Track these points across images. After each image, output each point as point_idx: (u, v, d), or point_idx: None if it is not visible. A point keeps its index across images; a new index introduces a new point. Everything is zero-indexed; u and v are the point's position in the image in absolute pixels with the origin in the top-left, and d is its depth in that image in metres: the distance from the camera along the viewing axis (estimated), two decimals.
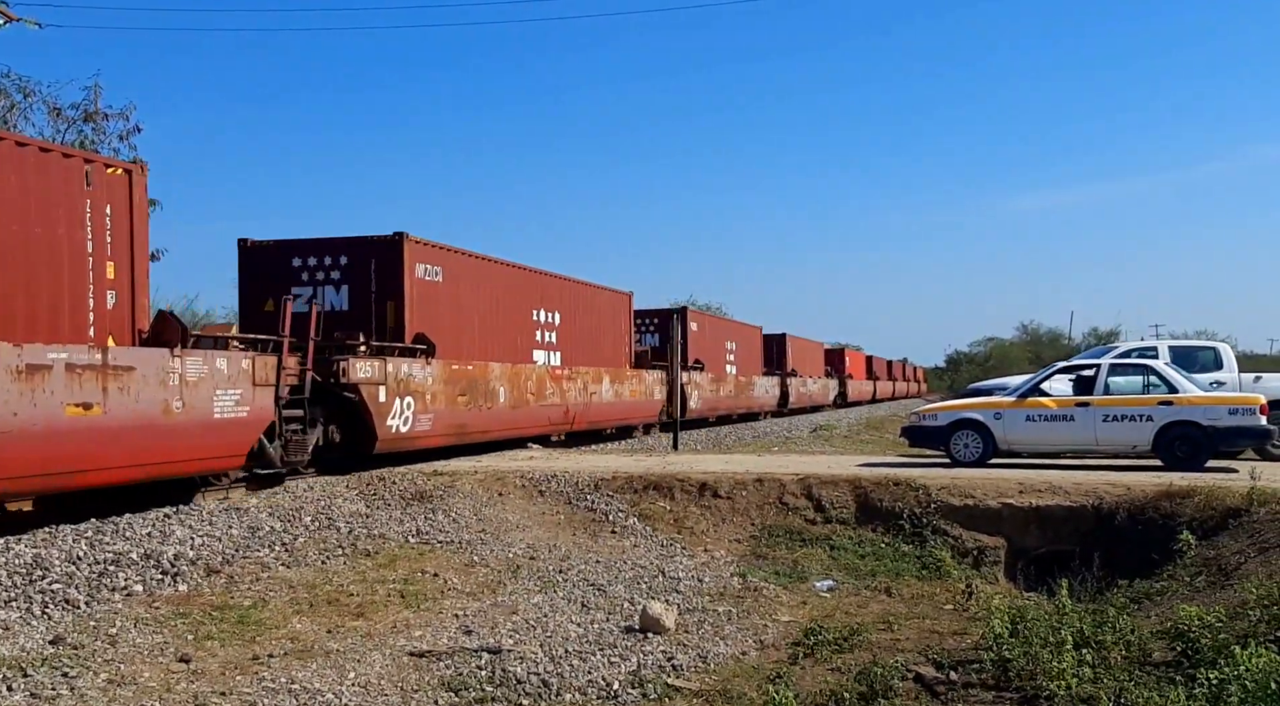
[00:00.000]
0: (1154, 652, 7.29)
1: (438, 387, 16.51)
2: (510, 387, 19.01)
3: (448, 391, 16.82)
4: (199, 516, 11.06)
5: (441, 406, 16.67)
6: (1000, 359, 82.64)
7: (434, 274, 16.94)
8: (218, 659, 7.01)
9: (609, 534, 12.46)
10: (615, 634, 8.34)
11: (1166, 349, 19.33)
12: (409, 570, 10.01)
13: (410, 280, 16.22)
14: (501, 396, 18.65)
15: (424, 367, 16.11)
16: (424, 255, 16.76)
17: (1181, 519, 11.26)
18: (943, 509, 12.54)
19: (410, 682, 6.85)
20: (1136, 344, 21.10)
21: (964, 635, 8.46)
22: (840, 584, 10.87)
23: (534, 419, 20.29)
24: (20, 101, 27.17)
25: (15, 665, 6.49)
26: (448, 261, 17.47)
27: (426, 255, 16.85)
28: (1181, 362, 18.20)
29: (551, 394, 20.86)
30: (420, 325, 16.40)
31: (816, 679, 7.39)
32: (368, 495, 13.08)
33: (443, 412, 16.73)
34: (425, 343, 16.28)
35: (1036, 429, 15.42)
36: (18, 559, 8.76)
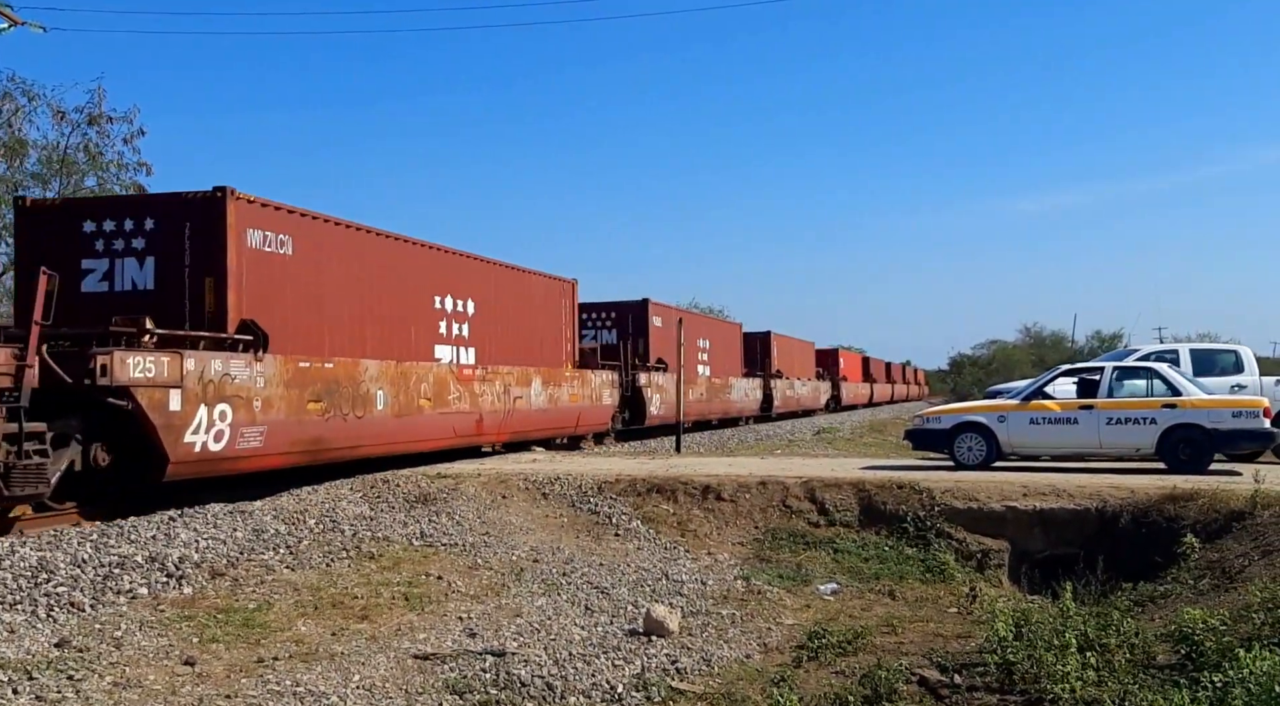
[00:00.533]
0: (1158, 655, 7.29)
1: (274, 392, 12.85)
2: (395, 391, 15.45)
3: (291, 396, 13.14)
4: (204, 519, 11.07)
5: (280, 416, 12.96)
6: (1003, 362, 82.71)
7: (279, 244, 13.42)
8: (222, 661, 7.02)
9: (612, 536, 12.46)
10: (619, 636, 8.35)
11: (1187, 352, 19.28)
12: (413, 572, 10.02)
13: (237, 250, 12.65)
14: (380, 402, 15.02)
15: (250, 365, 12.43)
16: (261, 219, 13.12)
17: (1185, 522, 11.25)
18: (946, 512, 12.53)
19: (415, 685, 6.86)
20: (1156, 347, 21.03)
21: (968, 638, 8.46)
22: (844, 587, 10.87)
23: (430, 429, 16.66)
24: (25, 104, 27.28)
25: (21, 668, 6.50)
26: (302, 230, 13.89)
27: (265, 219, 13.19)
28: (1202, 366, 18.18)
29: (458, 398, 17.29)
30: (253, 310, 12.78)
31: (820, 682, 7.40)
32: (371, 497, 13.09)
33: (282, 424, 12.99)
34: (255, 332, 12.64)
35: (1040, 432, 15.41)
36: (23, 561, 8.77)
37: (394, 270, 16.10)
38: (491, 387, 18.45)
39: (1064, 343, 75.49)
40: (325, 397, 13.83)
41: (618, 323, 27.02)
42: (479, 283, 18.74)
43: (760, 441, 26.82)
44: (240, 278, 12.72)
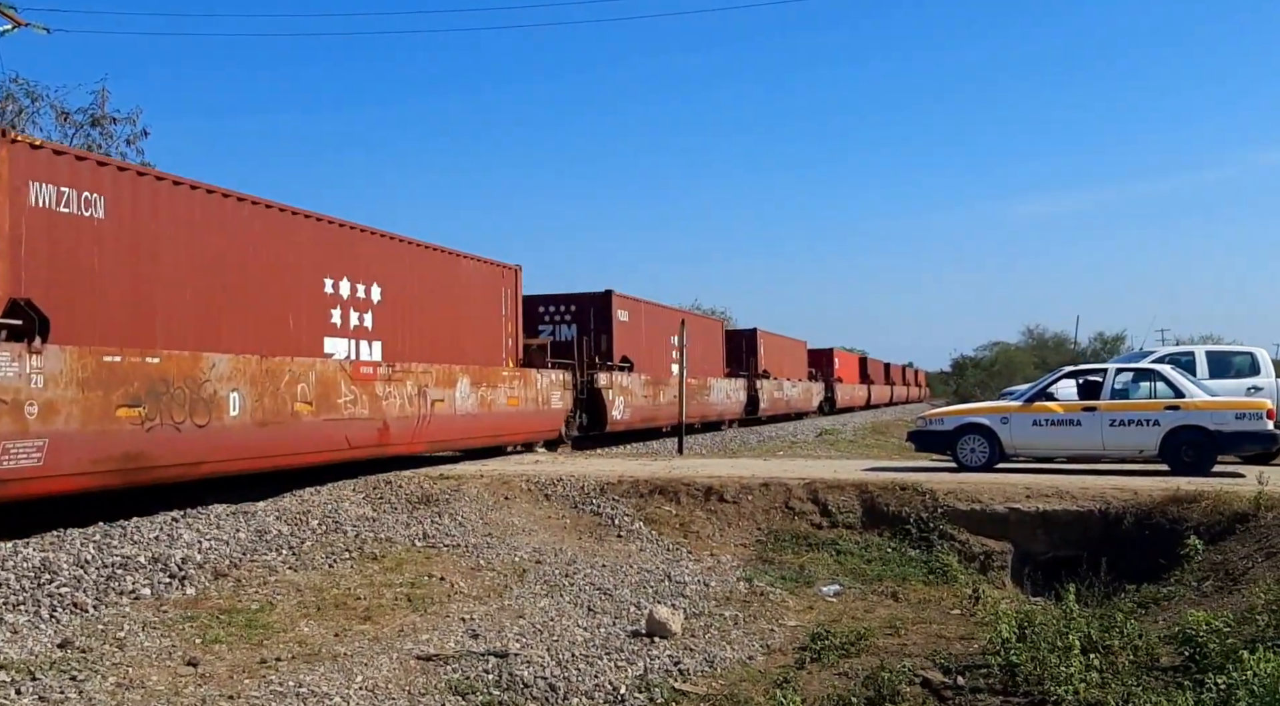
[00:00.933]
0: (1162, 657, 7.27)
1: (62, 394, 10.05)
2: (256, 393, 12.44)
3: (92, 400, 10.34)
4: (206, 520, 11.08)
5: (73, 426, 10.14)
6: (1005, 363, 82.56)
7: (83, 205, 10.67)
8: (225, 662, 7.02)
9: (615, 538, 12.46)
10: (622, 638, 8.34)
11: (1203, 354, 19.23)
12: (415, 573, 10.02)
13: (13, 209, 9.97)
14: (234, 407, 12.14)
15: (20, 359, 9.68)
16: (54, 171, 10.42)
17: (1189, 523, 11.23)
18: (949, 513, 12.52)
19: (417, 686, 6.85)
20: (1172, 349, 20.99)
21: (971, 640, 8.45)
22: (847, 588, 10.86)
23: (311, 440, 13.52)
24: (28, 106, 27.32)
25: (24, 668, 6.51)
26: (121, 190, 11.20)
27: (62, 172, 10.50)
28: (1218, 368, 18.16)
29: (352, 402, 14.30)
30: (36, 287, 10.09)
31: (823, 683, 7.39)
32: (374, 499, 13.09)
33: (76, 437, 10.15)
34: (29, 315, 9.87)
35: (1043, 433, 15.40)
36: (26, 562, 8.78)
37: (266, 246, 13.25)
38: (400, 389, 15.48)
39: (1066, 344, 75.38)
40: (147, 402, 10.96)
41: (577, 317, 24.45)
42: (388, 265, 15.93)
43: (762, 443, 26.81)
44: (18, 245, 9.98)
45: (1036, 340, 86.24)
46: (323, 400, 13.76)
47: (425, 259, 17.18)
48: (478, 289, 18.85)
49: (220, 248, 12.60)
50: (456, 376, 17.24)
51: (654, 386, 26.96)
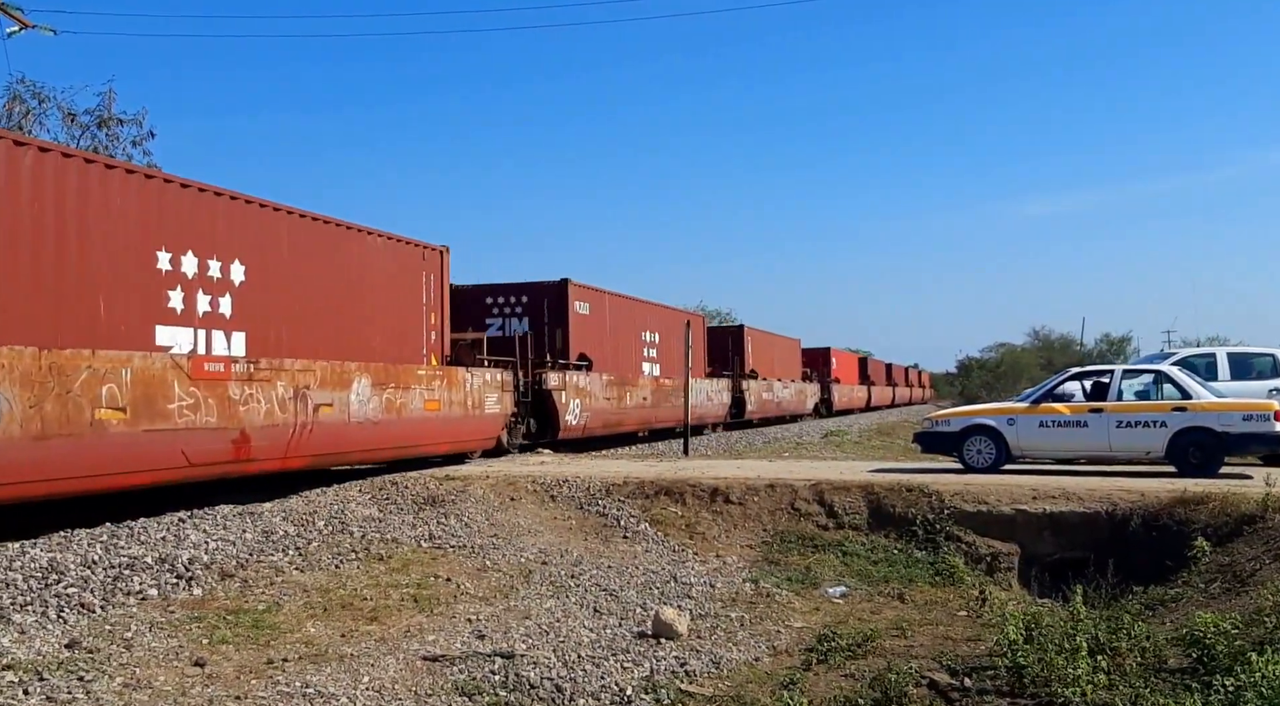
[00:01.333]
0: (1169, 659, 7.26)
1: None
2: (33, 398, 9.63)
3: None
4: (213, 520, 11.10)
5: None
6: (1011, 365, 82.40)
7: None
8: (232, 662, 7.03)
9: (620, 539, 12.46)
10: (628, 639, 8.34)
11: (1224, 356, 19.13)
12: (422, 574, 10.03)
13: None
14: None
15: None
16: None
17: (1196, 525, 11.21)
18: (956, 515, 12.50)
19: (424, 687, 6.86)
20: (1194, 351, 20.90)
21: (978, 641, 8.44)
22: (853, 590, 10.85)
23: (125, 457, 10.69)
24: (35, 107, 27.39)
25: (31, 668, 6.52)
26: None
27: None
28: (1239, 370, 18.10)
29: (192, 408, 11.42)
30: None
31: (830, 685, 7.38)
32: (380, 499, 13.10)
33: None
34: None
35: (1050, 435, 15.37)
36: (33, 562, 8.80)
37: (63, 207, 10.53)
38: (268, 392, 12.46)
39: (1073, 346, 75.31)
40: None
41: (530, 309, 21.79)
42: (256, 238, 13.02)
43: (768, 444, 26.78)
44: None
45: (1042, 341, 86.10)
46: (144, 406, 10.82)
47: (312, 233, 14.14)
48: (388, 272, 15.87)
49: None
50: (352, 376, 14.11)
51: (619, 387, 23.98)
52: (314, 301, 14.12)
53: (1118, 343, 79.33)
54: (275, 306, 13.35)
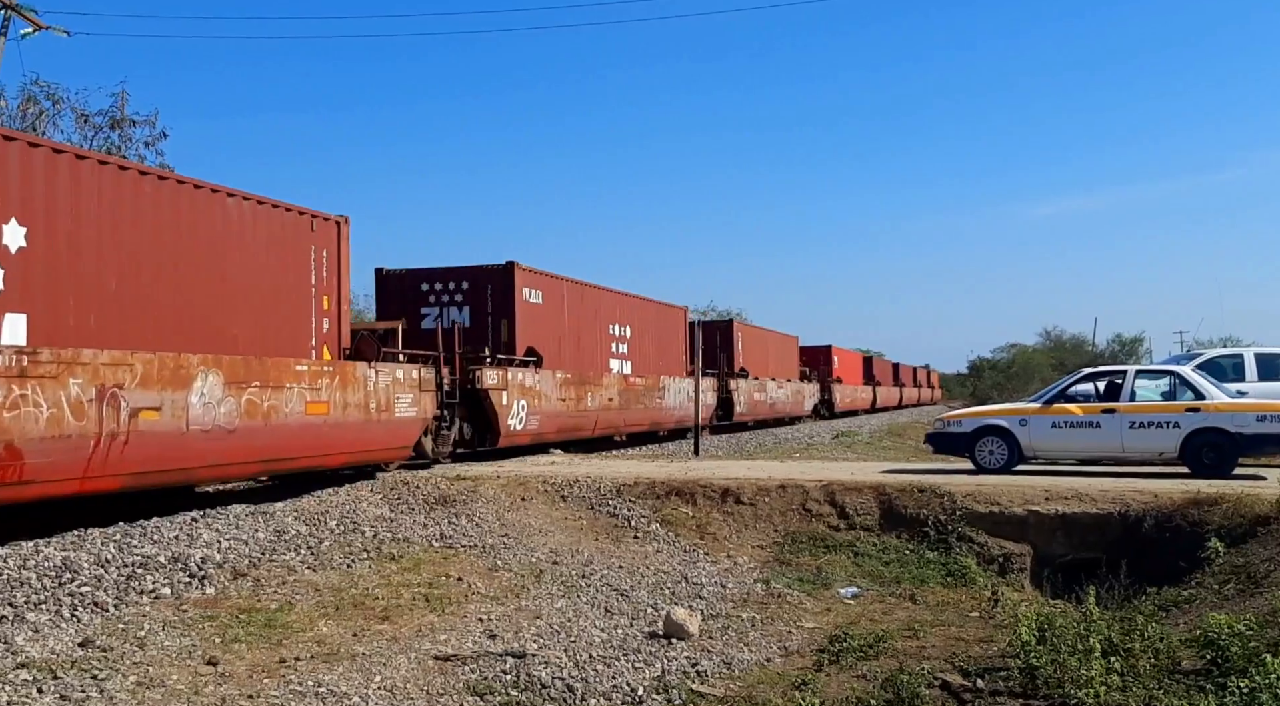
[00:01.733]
0: (1183, 661, 7.22)
1: None
2: None
3: None
4: (226, 520, 11.12)
5: None
6: (1023, 365, 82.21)
7: None
8: (245, 662, 7.05)
9: (631, 539, 12.46)
10: (639, 639, 8.34)
11: (1252, 357, 19.03)
12: (433, 574, 10.04)
13: None
14: None
15: None
16: None
17: (1210, 526, 11.16)
18: (968, 515, 12.47)
19: (436, 686, 6.87)
20: (1220, 352, 20.77)
21: (990, 642, 8.41)
22: (865, 591, 10.83)
23: None
24: (49, 108, 27.53)
25: (45, 667, 6.54)
26: None
27: None
28: (1267, 370, 18.04)
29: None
30: None
31: (842, 686, 7.37)
32: (391, 499, 13.12)
33: None
34: None
35: (1062, 435, 15.32)
36: (47, 561, 8.84)
37: None
38: (54, 392, 9.71)
39: (1084, 346, 75.05)
40: None
41: (471, 297, 19.31)
42: (45, 194, 10.32)
43: (779, 445, 26.76)
44: None
45: (1054, 342, 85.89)
46: None
47: (141, 193, 11.48)
48: (259, 245, 13.06)
49: None
50: (192, 372, 11.26)
51: (578, 387, 21.15)
52: (141, 278, 11.37)
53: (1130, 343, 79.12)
54: (75, 282, 10.58)
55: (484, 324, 19.14)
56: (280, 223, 13.57)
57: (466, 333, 18.55)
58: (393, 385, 14.92)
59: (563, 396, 20.41)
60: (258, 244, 13.11)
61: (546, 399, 19.63)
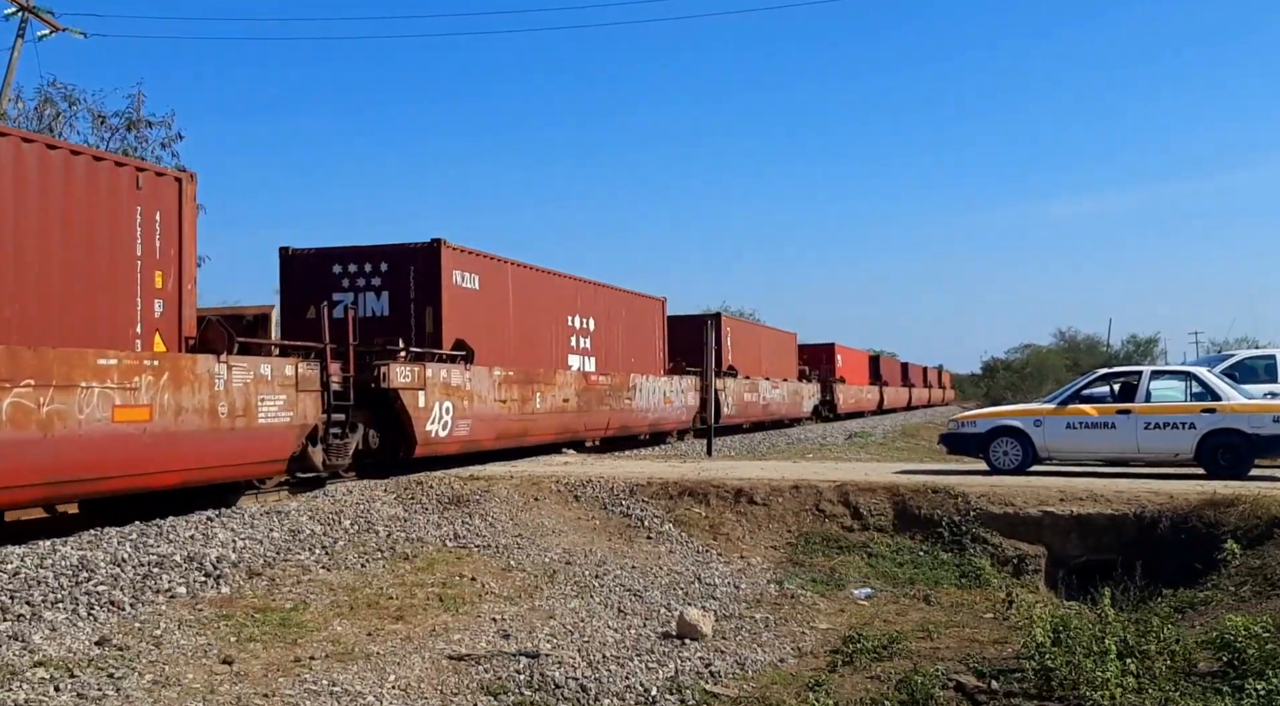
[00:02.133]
0: (1199, 663, 7.19)
1: None
2: None
3: None
4: (241, 519, 11.16)
5: None
6: (1038, 366, 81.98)
7: None
8: (260, 660, 7.08)
9: (644, 539, 12.46)
10: (652, 640, 8.35)
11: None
12: (447, 574, 10.06)
13: None
14: None
15: None
16: None
17: (1226, 528, 11.11)
18: (982, 516, 12.43)
19: (450, 686, 6.88)
20: (1252, 353, 20.56)
21: (1005, 644, 8.38)
22: (879, 591, 10.81)
23: None
24: (65, 110, 27.67)
25: (62, 665, 6.58)
26: None
27: None
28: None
29: None
30: None
31: (856, 687, 7.35)
32: (405, 499, 13.15)
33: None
34: None
35: (1077, 436, 15.27)
36: (64, 560, 8.89)
37: None
38: None
39: (1099, 347, 74.79)
40: None
41: (391, 281, 16.85)
42: None
43: (792, 446, 26.73)
44: None
45: (1068, 342, 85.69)
46: None
47: None
48: (53, 202, 10.44)
49: None
50: None
51: (524, 386, 18.58)
52: None
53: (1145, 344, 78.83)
54: None
55: (405, 312, 16.65)
56: (85, 175, 10.79)
57: (385, 323, 16.35)
58: (254, 384, 12.26)
59: (503, 397, 17.86)
60: (48, 199, 10.39)
61: (480, 400, 17.13)
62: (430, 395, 15.74)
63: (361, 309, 16.60)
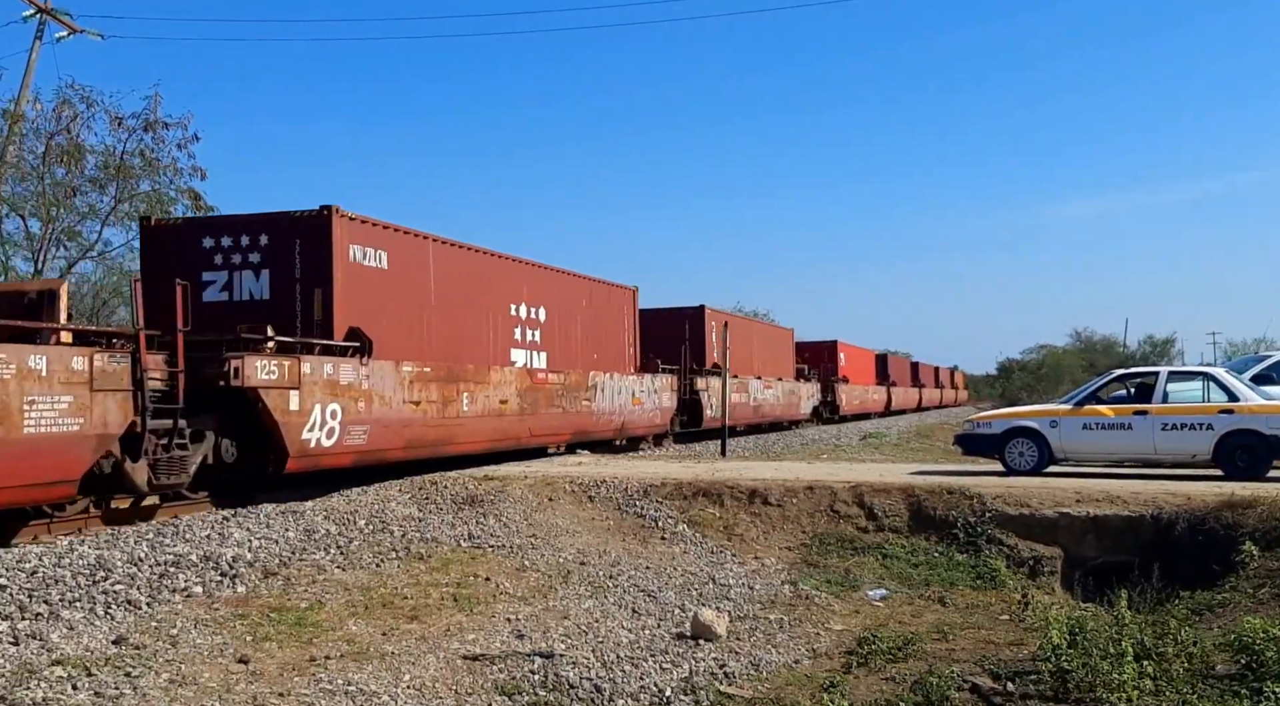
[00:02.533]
0: (1217, 665, 7.14)
1: None
2: None
3: None
4: (256, 519, 11.21)
5: None
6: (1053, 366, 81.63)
7: None
8: (276, 660, 7.10)
9: (659, 540, 12.45)
10: (667, 640, 8.34)
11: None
12: (461, 573, 10.07)
13: None
14: None
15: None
16: None
17: (1244, 529, 11.03)
18: (998, 518, 12.38)
19: (464, 685, 6.89)
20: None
21: (1020, 645, 8.35)
22: (893, 593, 10.78)
23: None
24: (83, 111, 27.84)
25: (80, 664, 6.61)
26: None
27: None
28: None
29: None
30: None
31: (871, 688, 7.34)
32: (420, 499, 13.18)
33: None
34: None
35: (1093, 437, 15.20)
36: (81, 560, 8.94)
37: None
38: None
39: (1115, 347, 74.42)
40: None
41: (273, 257, 14.09)
42: None
43: (806, 446, 26.68)
44: None
45: (1084, 343, 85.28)
46: None
47: None
48: None
49: None
50: None
51: (446, 386, 15.76)
52: None
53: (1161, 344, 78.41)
54: None
55: (290, 295, 13.86)
56: None
57: (266, 308, 13.75)
58: (17, 382, 9.67)
59: (415, 398, 15.01)
60: None
61: (383, 402, 14.28)
62: (308, 396, 12.87)
63: (237, 291, 14.06)
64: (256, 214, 14.42)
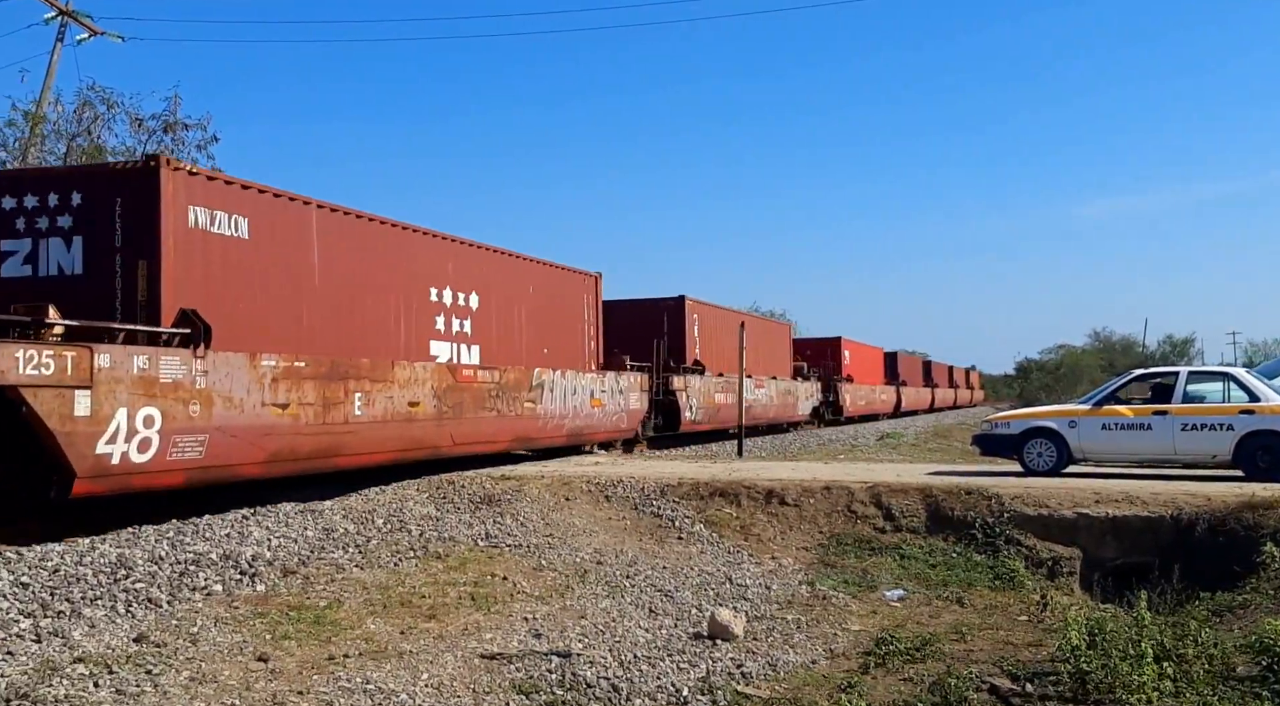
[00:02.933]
0: (1238, 667, 7.10)
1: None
2: None
3: None
4: (275, 518, 11.27)
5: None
6: (1072, 367, 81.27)
7: None
8: (295, 658, 7.14)
9: (675, 540, 12.45)
10: (684, 640, 8.34)
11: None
12: (479, 573, 10.10)
13: None
14: None
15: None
16: None
17: (1265, 530, 10.95)
18: (1016, 518, 12.33)
19: (482, 684, 6.91)
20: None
21: (1039, 646, 8.31)
22: (911, 593, 10.75)
23: None
24: (104, 112, 28.05)
25: (101, 662, 6.67)
26: None
27: None
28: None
29: None
30: None
31: (888, 689, 7.32)
32: (437, 498, 13.22)
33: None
34: None
35: (1112, 437, 15.11)
36: (103, 558, 9.01)
37: None
38: None
39: (1134, 347, 73.98)
40: None
41: (86, 221, 11.20)
42: None
43: (823, 446, 26.64)
44: None
45: (1103, 343, 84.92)
46: None
47: None
48: None
49: None
50: None
51: (328, 384, 12.74)
52: None
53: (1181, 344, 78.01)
54: None
55: (109, 269, 11.00)
56: None
57: (78, 284, 11.00)
58: None
59: (280, 400, 11.98)
60: None
61: (230, 404, 11.26)
62: (105, 397, 9.84)
63: (44, 264, 11.19)
64: (68, 167, 11.17)
